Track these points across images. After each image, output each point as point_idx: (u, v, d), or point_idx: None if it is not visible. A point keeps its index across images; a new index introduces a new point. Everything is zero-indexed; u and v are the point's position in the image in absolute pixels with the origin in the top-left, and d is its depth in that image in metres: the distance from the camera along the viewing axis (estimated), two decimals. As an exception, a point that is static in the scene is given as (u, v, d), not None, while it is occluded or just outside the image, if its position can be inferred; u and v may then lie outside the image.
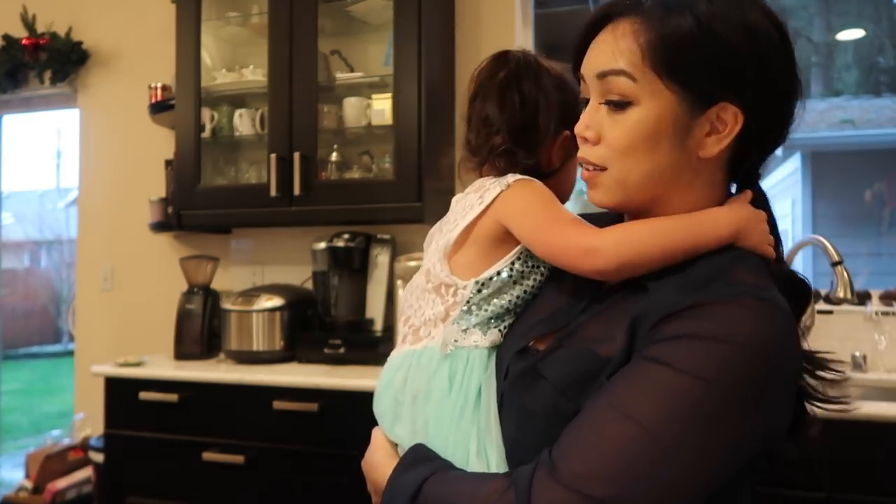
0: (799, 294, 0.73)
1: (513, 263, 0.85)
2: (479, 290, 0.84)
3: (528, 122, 0.88)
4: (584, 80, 0.77)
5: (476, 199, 0.86)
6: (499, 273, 0.84)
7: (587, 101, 0.77)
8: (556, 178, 0.92)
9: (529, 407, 0.74)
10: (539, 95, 0.89)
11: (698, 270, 0.70)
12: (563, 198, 0.93)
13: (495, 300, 0.85)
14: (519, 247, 0.85)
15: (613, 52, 0.72)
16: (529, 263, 0.86)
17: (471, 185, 0.92)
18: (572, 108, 0.87)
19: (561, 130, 0.90)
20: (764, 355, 0.63)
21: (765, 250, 0.74)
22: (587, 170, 0.77)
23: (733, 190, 0.79)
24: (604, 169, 0.75)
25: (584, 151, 0.77)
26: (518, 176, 0.86)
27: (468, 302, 0.84)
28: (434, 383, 0.83)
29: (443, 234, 0.90)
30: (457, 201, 0.93)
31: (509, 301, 0.86)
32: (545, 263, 0.86)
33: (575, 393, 0.70)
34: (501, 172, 0.88)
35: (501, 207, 0.84)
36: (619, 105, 0.72)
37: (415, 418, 0.83)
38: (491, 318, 0.85)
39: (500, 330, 0.86)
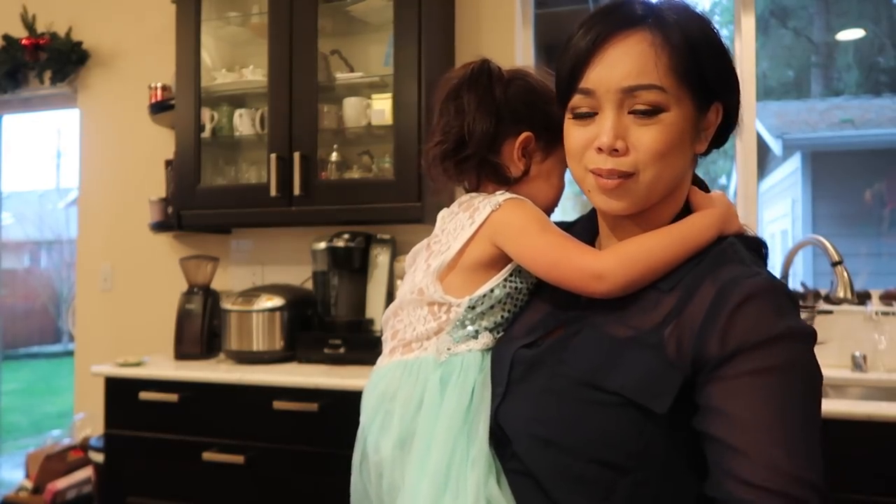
0: (764, 247, 0.84)
1: (505, 280, 0.86)
2: (473, 308, 0.85)
3: (462, 131, 0.89)
4: (592, 94, 0.76)
5: (466, 218, 0.87)
6: (492, 291, 0.86)
7: (588, 113, 0.77)
8: (532, 187, 0.91)
9: (549, 387, 0.78)
10: (480, 102, 0.88)
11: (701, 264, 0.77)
12: (545, 211, 0.92)
13: (488, 316, 0.86)
14: (511, 264, 0.86)
15: (637, 66, 0.74)
16: (520, 279, 0.87)
17: (457, 202, 0.92)
18: (537, 110, 0.89)
19: (519, 132, 0.90)
20: (810, 334, 0.72)
21: (741, 230, 0.82)
22: (610, 179, 0.76)
23: None
24: (631, 175, 0.76)
25: (610, 162, 0.76)
26: (508, 195, 0.87)
27: (462, 318, 0.85)
28: (427, 391, 0.83)
29: (432, 252, 0.90)
30: (443, 218, 0.93)
31: (501, 316, 0.87)
32: (532, 277, 0.86)
33: (595, 372, 0.75)
34: (455, 179, 0.92)
35: (494, 228, 0.85)
36: (650, 113, 0.74)
37: (402, 430, 0.83)
38: (483, 331, 0.86)
39: (493, 334, 0.87)
